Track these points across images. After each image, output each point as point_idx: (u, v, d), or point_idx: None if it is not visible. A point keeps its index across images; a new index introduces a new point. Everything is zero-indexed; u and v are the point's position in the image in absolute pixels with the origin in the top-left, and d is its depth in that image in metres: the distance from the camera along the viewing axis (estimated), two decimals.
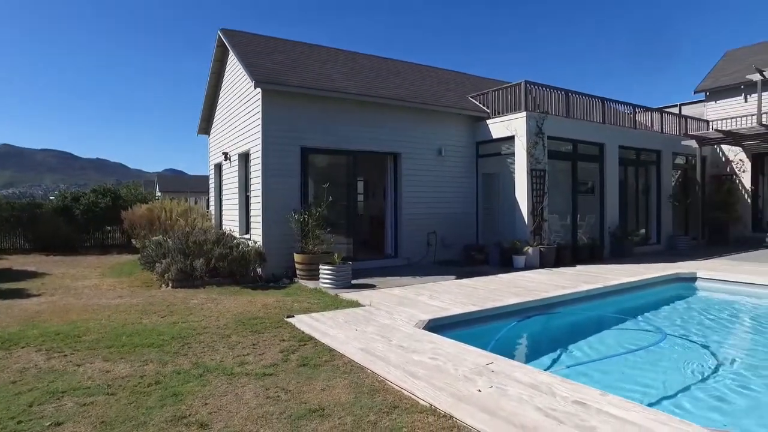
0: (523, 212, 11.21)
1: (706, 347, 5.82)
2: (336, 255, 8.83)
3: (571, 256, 11.58)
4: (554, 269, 10.41)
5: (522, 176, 11.21)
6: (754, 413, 4.07)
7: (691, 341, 6.11)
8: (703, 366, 5.16)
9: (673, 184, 15.63)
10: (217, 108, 14.60)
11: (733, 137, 13.33)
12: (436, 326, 5.85)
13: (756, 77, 15.25)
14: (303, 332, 5.43)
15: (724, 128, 14.02)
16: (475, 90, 14.04)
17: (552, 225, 12.28)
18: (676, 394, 4.37)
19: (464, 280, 9.04)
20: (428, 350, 4.68)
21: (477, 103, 13.16)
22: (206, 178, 16.92)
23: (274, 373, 4.13)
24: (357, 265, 10.17)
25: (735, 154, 16.05)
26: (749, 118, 14.98)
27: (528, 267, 10.57)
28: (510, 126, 11.52)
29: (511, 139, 11.53)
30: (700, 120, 16.79)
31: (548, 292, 7.68)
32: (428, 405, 3.44)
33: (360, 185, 13.78)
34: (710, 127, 15.98)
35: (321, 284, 8.57)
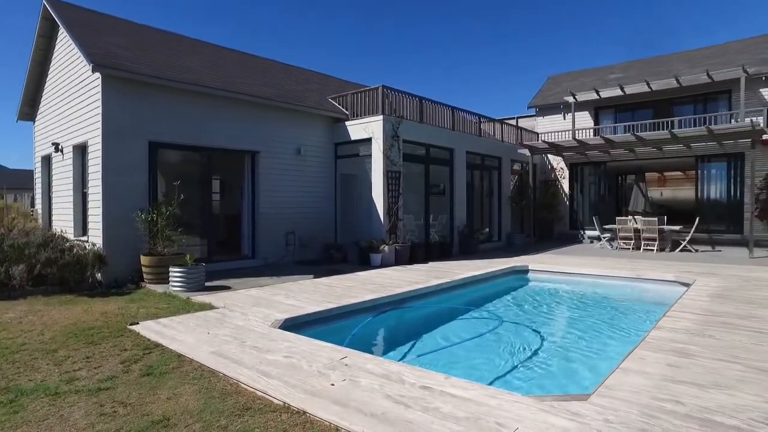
0: (379, 212, 11.69)
1: (532, 328, 6.68)
2: (188, 256, 8.32)
3: (424, 253, 12.37)
4: (408, 266, 11.04)
5: (378, 177, 11.69)
6: (568, 378, 4.79)
7: (522, 324, 6.95)
8: (531, 344, 5.91)
9: (511, 187, 17.60)
10: (45, 90, 12.75)
11: (556, 148, 15.47)
12: (293, 325, 5.85)
13: (570, 99, 17.96)
14: (149, 339, 5.04)
15: (549, 140, 16.15)
16: (337, 92, 14.28)
17: (407, 224, 13.00)
18: (510, 371, 4.95)
19: (322, 279, 9.15)
20: (283, 349, 4.66)
21: (337, 104, 13.39)
22: (31, 172, 14.67)
23: (112, 387, 3.77)
24: (212, 267, 9.72)
25: (558, 162, 18.61)
26: (567, 132, 17.52)
27: (384, 264, 11.05)
28: (368, 128, 11.94)
29: (368, 141, 11.96)
30: (532, 132, 19.12)
31: (402, 288, 8.13)
32: (282, 403, 3.44)
33: (217, 183, 13.15)
34: (539, 138, 18.27)
35: (171, 288, 8.01)
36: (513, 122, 21.01)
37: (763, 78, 15.41)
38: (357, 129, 12.35)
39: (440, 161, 13.81)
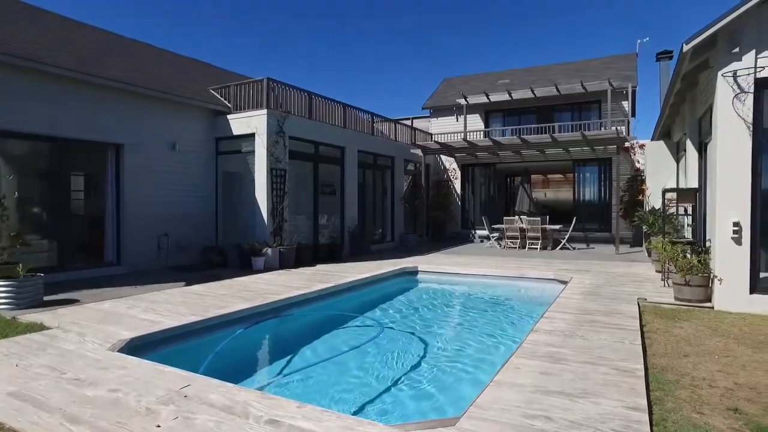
0: (263, 212, 10.90)
1: (416, 335, 6.38)
2: (20, 266, 6.95)
3: (312, 255, 11.78)
4: (294, 270, 10.38)
5: (262, 175, 10.90)
6: (446, 394, 4.47)
7: (405, 332, 6.63)
8: (411, 356, 5.58)
9: (405, 187, 17.62)
10: None
11: (447, 149, 15.69)
12: (141, 346, 4.99)
13: (462, 102, 18.44)
14: None
15: (441, 141, 16.37)
16: (221, 83, 13.17)
17: (299, 226, 12.37)
18: (383, 392, 4.48)
19: (194, 287, 8.21)
20: (113, 379, 3.84)
21: (219, 96, 12.34)
22: None
23: None
24: (64, 276, 8.48)
25: (450, 163, 18.99)
26: (459, 134, 17.91)
27: (268, 268, 10.30)
28: (251, 123, 11.09)
29: (251, 136, 11.11)
30: (426, 132, 19.34)
31: (280, 295, 7.48)
32: None
33: (78, 180, 11.48)
34: (433, 139, 18.51)
35: None
36: (408, 123, 21.18)
37: (624, 92, 16.92)
38: (239, 123, 11.43)
39: (330, 160, 13.30)
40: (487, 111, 19.59)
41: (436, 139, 17.11)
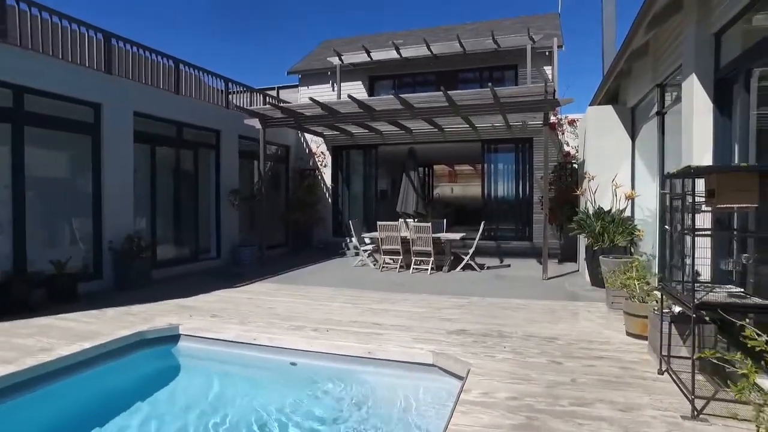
0: None
1: None
2: None
3: (4, 300, 6.02)
4: None
5: None
6: None
7: None
8: None
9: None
10: None
11: (295, 118, 10.28)
12: None
13: (335, 61, 13.41)
14: None
15: (284, 106, 10.99)
16: None
17: None
18: None
19: None
20: None
21: None
22: None
23: None
24: None
25: (318, 146, 13.75)
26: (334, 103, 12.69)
27: None
28: None
29: None
30: (283, 101, 13.95)
31: None
32: None
33: None
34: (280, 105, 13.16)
35: None
36: (274, 93, 15.83)
37: (547, 53, 12.69)
38: None
39: (66, 124, 7.53)
40: (371, 77, 14.61)
41: (273, 102, 11.70)
